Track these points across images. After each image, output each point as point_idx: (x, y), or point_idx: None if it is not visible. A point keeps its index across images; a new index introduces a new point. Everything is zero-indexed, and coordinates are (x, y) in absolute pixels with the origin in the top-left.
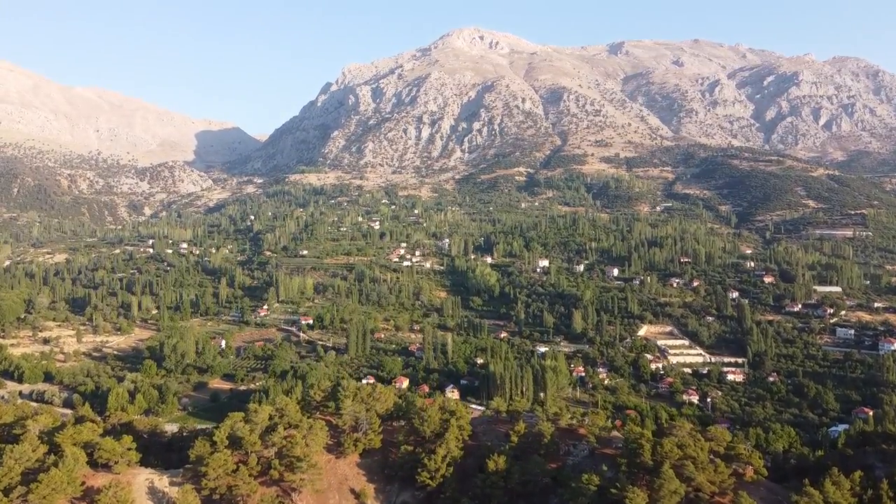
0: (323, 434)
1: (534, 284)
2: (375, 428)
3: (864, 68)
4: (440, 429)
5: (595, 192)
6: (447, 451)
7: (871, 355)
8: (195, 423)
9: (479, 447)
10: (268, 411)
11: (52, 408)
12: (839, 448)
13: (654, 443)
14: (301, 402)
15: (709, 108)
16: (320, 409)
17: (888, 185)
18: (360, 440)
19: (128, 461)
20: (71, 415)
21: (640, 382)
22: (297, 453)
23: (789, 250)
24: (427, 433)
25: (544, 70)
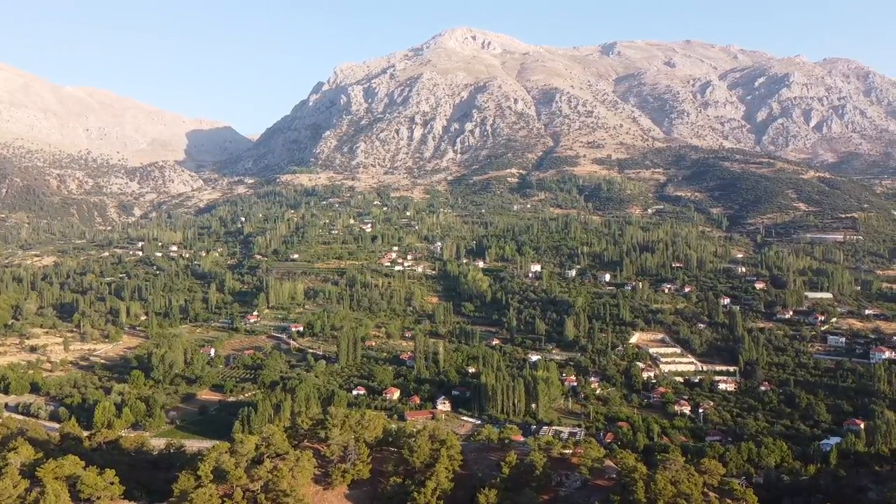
0: (310, 465)
1: (526, 290)
2: (364, 458)
3: (854, 70)
4: (431, 459)
5: (587, 195)
6: (437, 483)
7: (862, 364)
8: (182, 438)
9: (471, 477)
10: (254, 441)
11: (38, 422)
12: (832, 467)
13: (648, 478)
14: (288, 429)
15: (700, 110)
16: (307, 437)
17: (878, 188)
18: (349, 471)
19: (111, 495)
20: (58, 429)
21: (632, 392)
22: (284, 487)
23: (780, 255)
24: (417, 464)
25: (536, 70)
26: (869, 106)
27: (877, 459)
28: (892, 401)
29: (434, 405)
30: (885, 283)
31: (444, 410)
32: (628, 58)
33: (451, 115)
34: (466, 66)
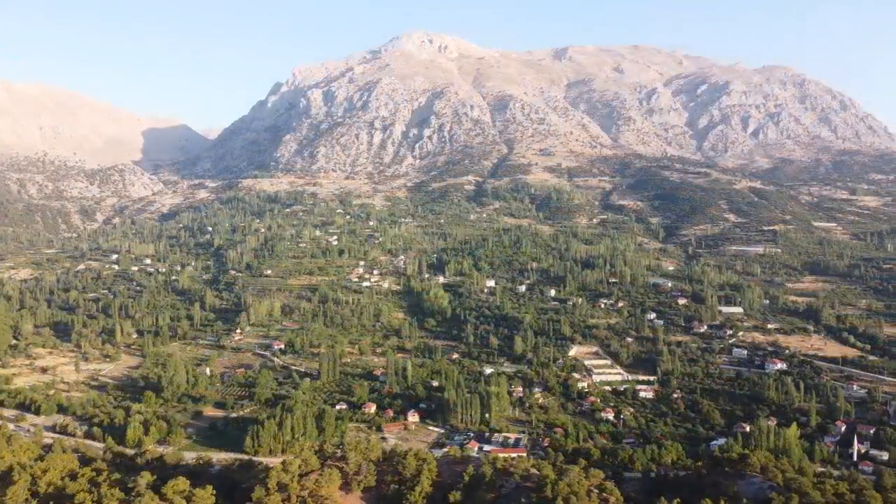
0: (337, 478)
1: (481, 306)
2: (372, 472)
3: (791, 77)
4: (416, 471)
5: (538, 204)
6: (422, 488)
7: (758, 374)
8: (204, 452)
9: (443, 483)
10: (298, 462)
11: (87, 442)
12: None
13: (554, 481)
14: (317, 452)
15: (646, 116)
16: (331, 458)
17: (805, 196)
18: (362, 481)
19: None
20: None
21: (569, 401)
22: (324, 493)
23: (704, 270)
24: (407, 475)
25: (492, 76)
26: (803, 113)
27: (730, 462)
28: (778, 406)
29: (405, 417)
30: (791, 297)
31: (413, 422)
32: (579, 63)
33: (409, 120)
34: (424, 70)
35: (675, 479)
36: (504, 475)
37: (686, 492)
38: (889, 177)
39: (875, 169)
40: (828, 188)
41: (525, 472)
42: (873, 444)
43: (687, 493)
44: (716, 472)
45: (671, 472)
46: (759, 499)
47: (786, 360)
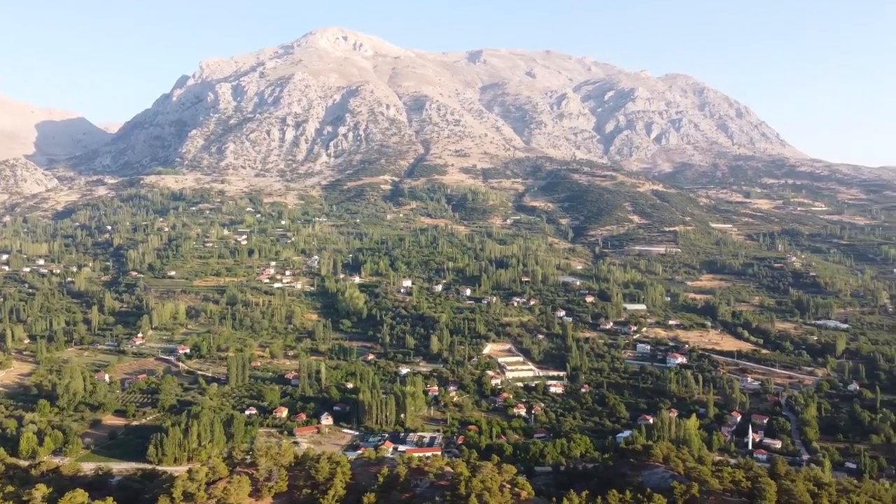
0: (246, 484)
1: (398, 306)
2: (283, 477)
3: (691, 85)
4: (330, 474)
5: (455, 204)
6: (336, 492)
7: (660, 368)
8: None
9: (358, 485)
10: (205, 469)
11: None
12: (606, 458)
13: (468, 478)
14: (226, 458)
15: (556, 121)
16: (240, 464)
17: (703, 199)
18: (273, 487)
19: None
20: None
21: (483, 398)
22: (232, 501)
23: (610, 269)
24: (320, 479)
25: (408, 76)
26: (702, 119)
27: (633, 454)
28: (679, 399)
29: (319, 421)
30: (691, 295)
31: (327, 425)
32: (493, 66)
33: (323, 117)
34: (339, 67)
35: (583, 471)
36: (419, 475)
37: (594, 483)
38: (780, 181)
39: (767, 173)
40: (724, 191)
41: (439, 470)
42: (767, 433)
43: (595, 485)
44: (622, 463)
45: (580, 465)
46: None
47: (686, 354)
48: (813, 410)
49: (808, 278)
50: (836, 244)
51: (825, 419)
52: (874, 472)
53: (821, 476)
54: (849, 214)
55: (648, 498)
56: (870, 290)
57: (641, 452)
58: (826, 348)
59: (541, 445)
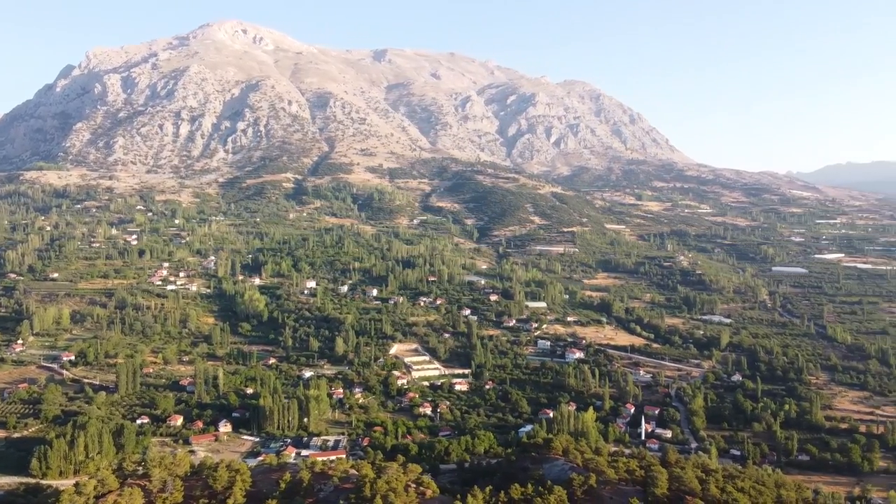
0: (138, 497)
1: (301, 308)
2: (178, 487)
3: (588, 91)
4: (229, 483)
5: (361, 204)
6: (235, 500)
7: (559, 363)
8: None
9: (259, 493)
10: (93, 483)
11: None
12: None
13: (373, 480)
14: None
15: (461, 123)
16: (132, 476)
17: (598, 202)
18: (167, 498)
19: None
20: None
21: (389, 399)
22: None
23: (514, 268)
24: (218, 488)
25: (311, 73)
26: (598, 125)
27: (535, 447)
28: (577, 392)
29: (217, 428)
30: (588, 292)
31: (225, 432)
32: (398, 66)
33: (221, 112)
34: (237, 61)
35: (487, 467)
36: (323, 478)
37: (498, 478)
38: (669, 184)
39: (658, 177)
40: (618, 194)
41: (344, 473)
42: (658, 423)
43: (498, 479)
44: (524, 457)
45: (484, 461)
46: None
47: (583, 349)
48: (700, 401)
49: (695, 276)
50: (719, 244)
51: (711, 409)
52: (757, 458)
53: (708, 463)
54: (731, 216)
55: (549, 490)
56: (750, 287)
57: (542, 446)
58: (711, 342)
59: (446, 443)
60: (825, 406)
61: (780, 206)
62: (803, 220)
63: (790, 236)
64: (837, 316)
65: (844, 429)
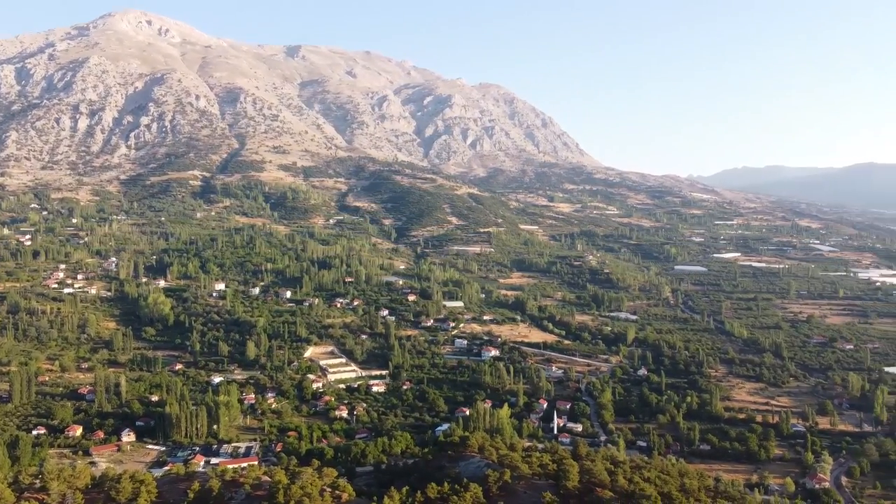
0: None
1: (210, 311)
2: (79, 500)
3: (503, 95)
4: (133, 495)
5: (273, 203)
6: None
7: (476, 361)
8: None
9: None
10: None
11: None
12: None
13: (287, 486)
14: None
15: (378, 122)
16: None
17: (513, 203)
18: None
19: None
20: None
21: (304, 403)
22: None
23: (431, 268)
24: (122, 500)
25: (220, 67)
26: (513, 128)
27: (451, 446)
28: (493, 390)
29: (119, 438)
30: (503, 291)
31: (129, 442)
32: (313, 63)
33: (123, 106)
34: (141, 53)
35: (404, 467)
36: (234, 486)
37: (414, 478)
38: (579, 186)
39: (568, 180)
40: (532, 195)
41: (256, 480)
42: (570, 417)
43: (415, 480)
44: (441, 456)
45: (401, 462)
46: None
47: (499, 347)
48: (608, 395)
49: (603, 275)
50: (626, 244)
51: (619, 402)
52: (662, 448)
53: (616, 455)
54: (637, 217)
55: (465, 488)
56: (654, 285)
57: (458, 444)
58: (619, 338)
59: (362, 446)
60: (724, 397)
61: (682, 208)
62: (703, 221)
63: (691, 236)
64: (734, 312)
65: (742, 419)
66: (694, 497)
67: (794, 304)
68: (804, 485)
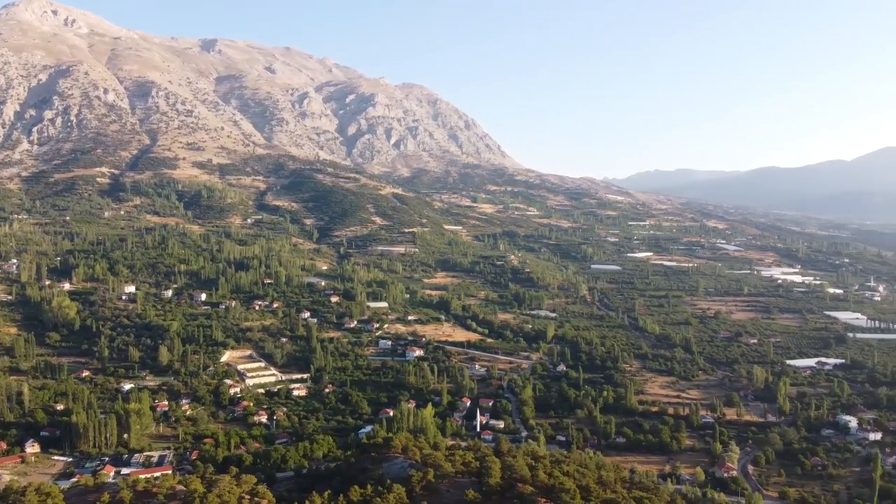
0: None
1: (119, 315)
2: None
3: (426, 95)
4: None
5: (187, 202)
6: None
7: (400, 362)
8: None
9: None
10: None
11: None
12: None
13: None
14: None
15: (299, 119)
16: None
17: (437, 203)
18: None
19: None
20: None
21: (221, 409)
22: None
23: (355, 269)
24: None
25: (131, 59)
26: (436, 129)
27: (374, 447)
28: (417, 390)
29: (23, 449)
30: (427, 291)
31: (33, 453)
32: (230, 57)
33: (26, 99)
34: (46, 44)
35: (326, 471)
36: (147, 497)
37: (337, 482)
38: (501, 188)
39: (491, 181)
40: (456, 196)
41: (171, 490)
42: (492, 415)
43: (338, 483)
44: (364, 458)
45: (323, 465)
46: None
47: (423, 347)
48: (529, 391)
49: (524, 274)
50: (545, 244)
51: (539, 398)
52: (580, 442)
53: (537, 450)
54: (556, 218)
55: (388, 489)
56: (572, 284)
57: (382, 445)
58: (539, 335)
59: (283, 451)
60: (638, 391)
61: (598, 209)
62: (618, 222)
63: (606, 237)
64: (647, 309)
65: (655, 412)
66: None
67: (702, 301)
68: (713, 474)
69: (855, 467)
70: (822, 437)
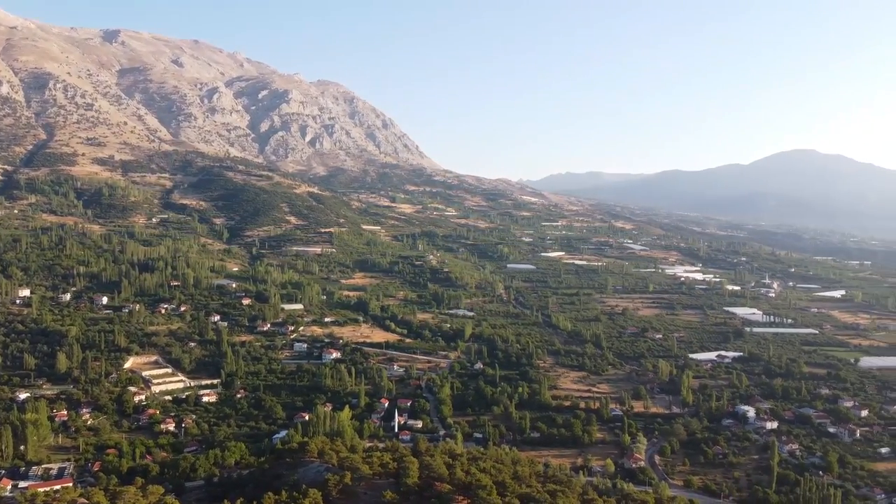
0: None
1: (13, 320)
2: None
3: (343, 93)
4: None
5: (87, 200)
6: None
7: (316, 365)
8: None
9: None
10: None
11: None
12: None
13: None
14: None
15: (207, 115)
16: None
17: (355, 203)
18: None
19: None
20: None
21: (125, 417)
22: None
23: (268, 270)
24: None
25: (27, 50)
26: (353, 127)
27: (290, 453)
28: (334, 392)
29: None
30: (345, 292)
31: None
32: (134, 49)
33: None
34: None
35: (238, 478)
36: None
37: (250, 489)
38: (420, 188)
39: (409, 181)
40: (374, 196)
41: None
42: (411, 414)
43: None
44: (279, 464)
45: (235, 473)
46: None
47: (340, 349)
48: (447, 390)
49: (443, 274)
50: (464, 244)
51: (457, 396)
52: (497, 439)
53: (455, 448)
54: (473, 219)
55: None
56: (489, 283)
57: (297, 450)
58: (457, 334)
59: (192, 459)
60: (552, 387)
61: (514, 210)
62: (532, 222)
63: (521, 237)
64: (560, 306)
65: (568, 406)
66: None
67: (611, 299)
68: (623, 465)
69: (754, 455)
70: (723, 427)
